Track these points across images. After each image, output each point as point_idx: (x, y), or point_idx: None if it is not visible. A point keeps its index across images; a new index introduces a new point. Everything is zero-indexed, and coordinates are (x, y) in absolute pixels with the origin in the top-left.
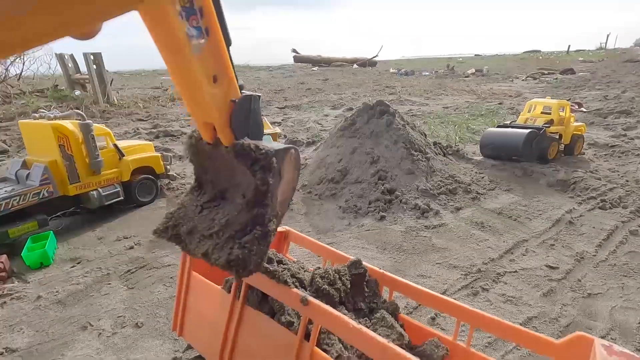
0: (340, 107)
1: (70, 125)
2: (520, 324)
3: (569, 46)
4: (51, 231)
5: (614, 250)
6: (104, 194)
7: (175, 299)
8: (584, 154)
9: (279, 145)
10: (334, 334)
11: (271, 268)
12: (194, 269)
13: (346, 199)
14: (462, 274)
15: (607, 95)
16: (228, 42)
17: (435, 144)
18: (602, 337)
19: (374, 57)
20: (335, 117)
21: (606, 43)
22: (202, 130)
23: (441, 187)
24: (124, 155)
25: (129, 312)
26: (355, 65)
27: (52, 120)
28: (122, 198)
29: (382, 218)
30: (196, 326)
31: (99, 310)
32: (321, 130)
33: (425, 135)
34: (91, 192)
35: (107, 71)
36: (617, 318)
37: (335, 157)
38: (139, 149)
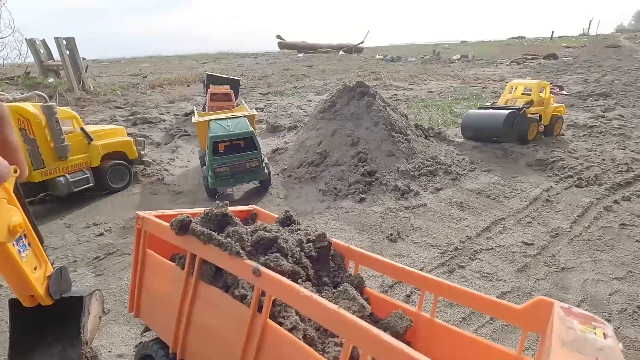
0: (325, 93)
1: (31, 107)
2: None
3: (553, 32)
4: None
5: (588, 225)
6: (72, 180)
7: (131, 279)
8: (563, 134)
9: (85, 291)
10: (289, 306)
11: (223, 240)
12: (148, 247)
13: (326, 181)
14: (439, 252)
15: (587, 79)
16: (41, 241)
17: (416, 126)
18: None
19: (360, 43)
20: (319, 102)
21: (589, 29)
22: (25, 301)
23: (421, 169)
24: (92, 140)
25: None
26: (341, 52)
27: (11, 102)
28: (92, 184)
29: (362, 200)
30: (152, 306)
31: None
32: (304, 115)
33: (407, 117)
34: (58, 179)
35: (81, 57)
36: (588, 290)
37: (315, 139)
38: (109, 134)
